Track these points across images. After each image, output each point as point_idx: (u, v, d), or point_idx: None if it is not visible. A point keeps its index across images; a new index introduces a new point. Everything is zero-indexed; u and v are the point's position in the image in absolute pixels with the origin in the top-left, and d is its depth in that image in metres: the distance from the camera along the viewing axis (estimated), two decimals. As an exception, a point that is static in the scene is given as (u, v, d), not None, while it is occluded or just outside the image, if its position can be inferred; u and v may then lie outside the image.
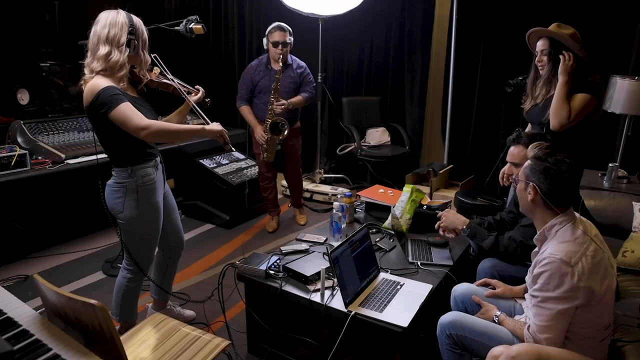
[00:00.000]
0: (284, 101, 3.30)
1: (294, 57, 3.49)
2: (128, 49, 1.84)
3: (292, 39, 3.37)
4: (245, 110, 3.50)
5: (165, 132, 1.87)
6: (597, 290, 1.45)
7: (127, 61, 1.87)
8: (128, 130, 1.81)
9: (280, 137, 3.35)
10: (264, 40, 3.41)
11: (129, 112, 1.79)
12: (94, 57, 1.83)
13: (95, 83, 1.80)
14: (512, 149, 2.06)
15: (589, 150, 3.15)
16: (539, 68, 2.36)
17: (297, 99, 3.43)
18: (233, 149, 2.10)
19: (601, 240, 1.58)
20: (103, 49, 1.82)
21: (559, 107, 2.19)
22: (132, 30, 1.84)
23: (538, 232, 1.62)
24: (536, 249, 1.65)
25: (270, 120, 3.32)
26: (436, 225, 2.27)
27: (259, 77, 3.43)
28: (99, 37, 1.82)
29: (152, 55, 2.11)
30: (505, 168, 2.26)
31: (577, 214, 1.61)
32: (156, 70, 2.16)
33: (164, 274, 2.37)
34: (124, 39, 1.82)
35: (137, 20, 1.89)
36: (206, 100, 2.33)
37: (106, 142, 1.96)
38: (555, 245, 1.50)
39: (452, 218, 2.21)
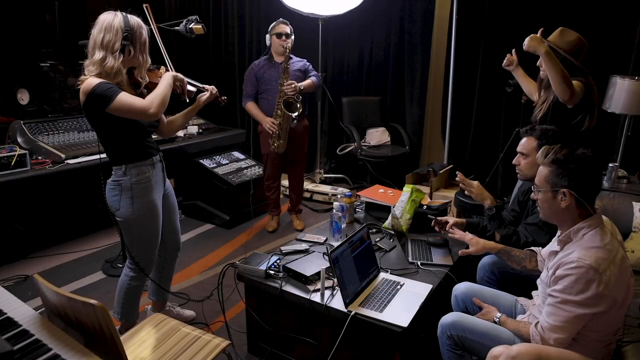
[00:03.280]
0: (293, 81, 3.32)
1: (292, 55, 3.51)
2: (122, 55, 1.84)
3: (293, 37, 3.40)
4: (251, 106, 3.51)
5: (161, 99, 1.86)
6: (619, 299, 1.43)
7: (124, 65, 1.87)
8: (135, 116, 1.82)
9: (296, 113, 3.33)
10: (267, 36, 3.45)
11: (129, 99, 1.80)
12: (91, 61, 1.85)
13: (88, 82, 1.82)
14: (523, 140, 2.04)
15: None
16: (541, 72, 2.37)
17: (307, 82, 3.44)
18: (187, 99, 2.09)
19: (624, 246, 1.55)
20: (98, 54, 1.83)
21: (559, 76, 2.11)
22: (128, 36, 1.83)
23: (563, 234, 1.57)
24: (556, 248, 1.60)
25: (282, 100, 3.33)
26: (432, 223, 2.27)
27: (263, 70, 3.46)
28: (95, 42, 1.83)
29: (144, 5, 2.05)
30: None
31: (604, 217, 1.57)
32: (162, 70, 2.15)
33: (160, 275, 2.37)
34: (118, 45, 1.82)
35: (135, 23, 1.87)
36: (222, 98, 2.31)
37: (104, 140, 1.97)
38: (584, 250, 1.45)
39: (482, 191, 2.21)
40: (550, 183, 1.52)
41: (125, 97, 1.80)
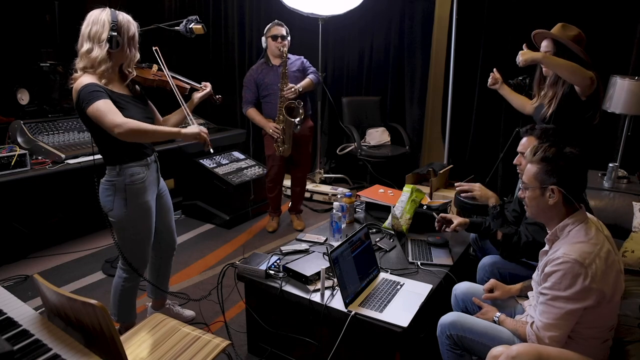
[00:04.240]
0: (292, 85, 3.31)
1: (288, 54, 3.51)
2: (108, 45, 1.84)
3: (290, 38, 3.40)
4: (252, 113, 3.50)
5: (140, 132, 1.85)
6: (607, 292, 1.45)
7: (111, 58, 1.87)
8: (104, 128, 1.81)
9: (298, 119, 3.33)
10: (263, 39, 3.44)
11: (104, 109, 1.79)
12: (79, 54, 1.87)
13: (78, 81, 1.83)
14: (524, 139, 2.04)
15: (589, 150, 3.15)
16: (543, 69, 2.37)
17: (306, 81, 3.43)
18: (212, 150, 2.09)
19: (612, 241, 1.57)
20: (85, 46, 1.84)
21: (569, 69, 2.11)
22: (115, 27, 1.84)
23: (550, 232, 1.60)
24: (545, 247, 1.63)
25: (284, 106, 3.32)
26: (437, 220, 2.26)
27: (262, 75, 3.44)
28: (83, 35, 1.85)
29: (154, 48, 2.09)
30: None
31: (588, 214, 1.60)
32: (154, 68, 2.15)
33: (157, 274, 2.37)
34: (104, 35, 1.83)
35: (123, 18, 1.89)
36: (216, 97, 2.31)
37: (97, 140, 1.96)
38: (569, 245, 1.49)
39: (485, 191, 2.20)
40: (539, 180, 1.55)
41: (100, 106, 1.78)
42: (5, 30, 3.98)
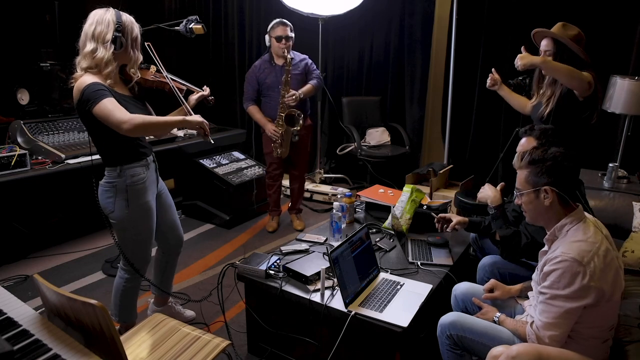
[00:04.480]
0: (294, 92, 3.30)
1: (294, 52, 3.50)
2: (113, 46, 1.83)
3: (294, 35, 3.39)
4: (253, 110, 3.50)
5: (147, 125, 1.85)
6: (606, 290, 1.45)
7: (115, 58, 1.87)
8: (111, 126, 1.81)
9: (297, 128, 3.35)
10: (266, 37, 3.42)
11: (110, 107, 1.78)
12: (82, 54, 1.85)
13: (81, 80, 1.82)
14: (523, 140, 2.05)
15: (589, 150, 3.15)
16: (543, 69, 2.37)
17: (307, 87, 3.42)
18: (212, 141, 2.08)
19: (611, 240, 1.57)
20: (89, 46, 1.83)
21: (567, 73, 2.13)
22: (119, 28, 1.84)
23: (548, 232, 1.61)
24: (545, 248, 1.63)
25: (284, 114, 3.33)
26: (436, 220, 2.26)
27: (264, 75, 3.43)
28: (86, 35, 1.84)
29: (146, 44, 2.08)
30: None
31: (586, 213, 1.60)
32: (152, 68, 2.15)
33: (163, 272, 2.37)
34: (109, 35, 1.82)
35: (126, 18, 1.89)
36: (209, 98, 2.32)
37: (97, 141, 1.96)
38: (567, 244, 1.49)
39: (488, 191, 2.19)
40: (531, 183, 1.57)
41: (107, 104, 1.78)
42: (5, 30, 3.98)
